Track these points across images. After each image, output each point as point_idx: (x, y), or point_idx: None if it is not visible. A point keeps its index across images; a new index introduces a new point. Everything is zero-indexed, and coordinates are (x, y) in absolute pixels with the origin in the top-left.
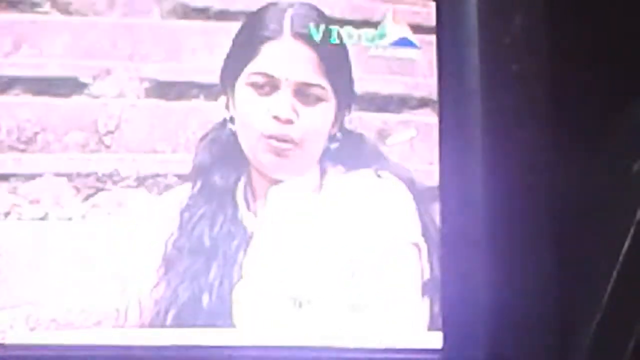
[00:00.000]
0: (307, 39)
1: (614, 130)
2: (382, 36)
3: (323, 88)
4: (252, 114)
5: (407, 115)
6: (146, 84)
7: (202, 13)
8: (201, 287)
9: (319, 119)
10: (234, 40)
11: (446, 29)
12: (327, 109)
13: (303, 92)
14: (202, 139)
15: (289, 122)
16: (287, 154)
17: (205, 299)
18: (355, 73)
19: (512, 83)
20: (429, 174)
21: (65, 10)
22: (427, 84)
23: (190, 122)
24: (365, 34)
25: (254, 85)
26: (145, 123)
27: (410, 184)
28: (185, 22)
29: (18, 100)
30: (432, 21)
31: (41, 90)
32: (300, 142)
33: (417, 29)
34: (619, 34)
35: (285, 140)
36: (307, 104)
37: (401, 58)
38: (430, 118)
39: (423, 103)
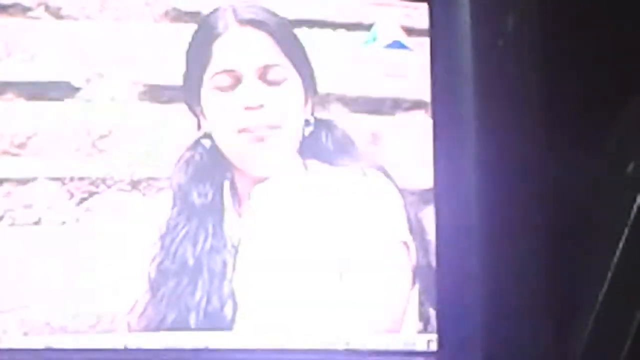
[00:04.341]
0: (253, 23)
1: (608, 131)
2: (374, 39)
3: (284, 66)
4: (224, 114)
5: (400, 117)
6: (139, 88)
7: (194, 17)
8: (188, 306)
9: (289, 96)
10: (187, 55)
11: (439, 31)
12: (294, 86)
13: (266, 75)
14: (177, 161)
15: (261, 107)
16: (268, 139)
17: (192, 318)
18: (349, 76)
19: (506, 84)
20: (423, 175)
21: (57, 15)
22: (420, 86)
23: (184, 125)
24: (357, 37)
25: (217, 86)
26: (138, 127)
27: (384, 173)
28: (177, 25)
29: (11, 105)
30: (424, 24)
31: (34, 95)
32: (278, 124)
33: (409, 31)
34: (613, 34)
35: (263, 126)
36: (274, 84)
37: (394, 60)
38: (423, 120)
39: (416, 105)
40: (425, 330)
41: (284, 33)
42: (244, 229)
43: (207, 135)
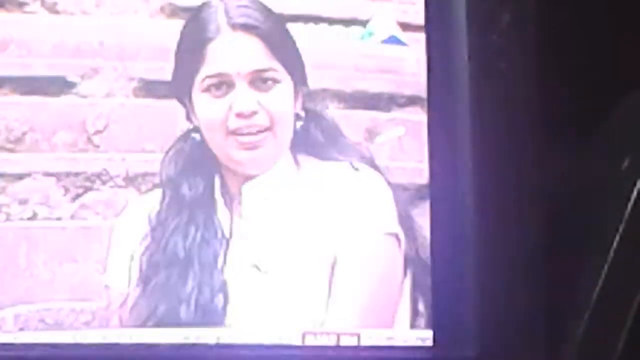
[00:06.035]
0: (245, 27)
1: (603, 127)
2: (370, 34)
3: (275, 70)
4: (215, 118)
5: (396, 113)
6: (134, 83)
7: (190, 12)
8: (180, 299)
9: (281, 100)
10: (177, 51)
11: (435, 27)
12: (285, 88)
13: (258, 80)
14: (166, 153)
15: (254, 113)
16: (261, 143)
17: (182, 310)
18: (345, 72)
19: (501, 80)
20: (419, 171)
21: (53, 10)
22: (416, 81)
23: (179, 120)
24: (353, 33)
25: (209, 90)
26: (134, 122)
27: (372, 165)
28: (173, 20)
29: (6, 100)
30: (420, 19)
31: (29, 90)
32: (270, 127)
33: (405, 27)
34: (608, 29)
35: (255, 132)
36: (265, 89)
37: (390, 56)
38: (419, 116)
39: (412, 101)
40: (419, 325)
41: (276, 34)
42: (235, 222)
43: (197, 129)
